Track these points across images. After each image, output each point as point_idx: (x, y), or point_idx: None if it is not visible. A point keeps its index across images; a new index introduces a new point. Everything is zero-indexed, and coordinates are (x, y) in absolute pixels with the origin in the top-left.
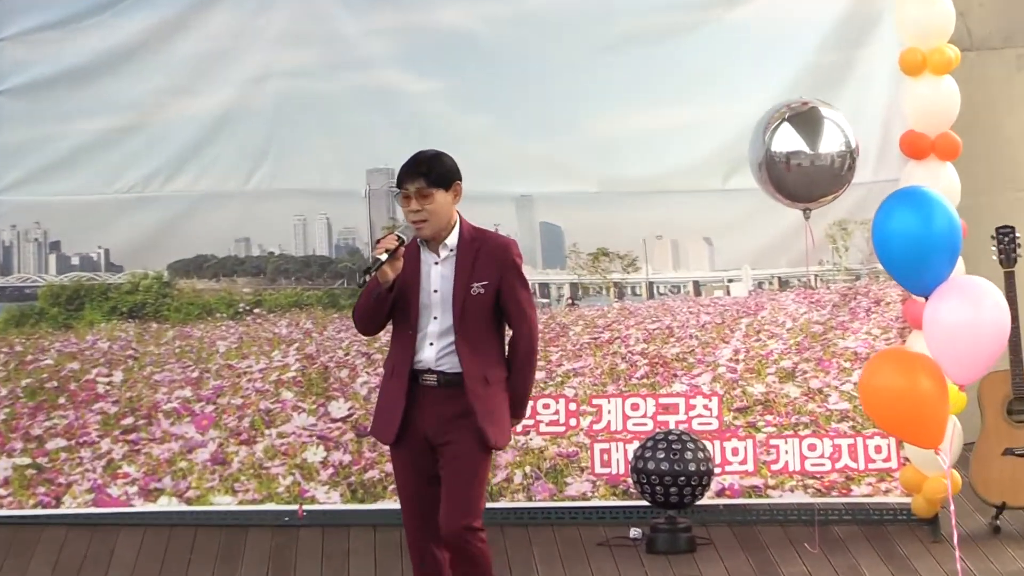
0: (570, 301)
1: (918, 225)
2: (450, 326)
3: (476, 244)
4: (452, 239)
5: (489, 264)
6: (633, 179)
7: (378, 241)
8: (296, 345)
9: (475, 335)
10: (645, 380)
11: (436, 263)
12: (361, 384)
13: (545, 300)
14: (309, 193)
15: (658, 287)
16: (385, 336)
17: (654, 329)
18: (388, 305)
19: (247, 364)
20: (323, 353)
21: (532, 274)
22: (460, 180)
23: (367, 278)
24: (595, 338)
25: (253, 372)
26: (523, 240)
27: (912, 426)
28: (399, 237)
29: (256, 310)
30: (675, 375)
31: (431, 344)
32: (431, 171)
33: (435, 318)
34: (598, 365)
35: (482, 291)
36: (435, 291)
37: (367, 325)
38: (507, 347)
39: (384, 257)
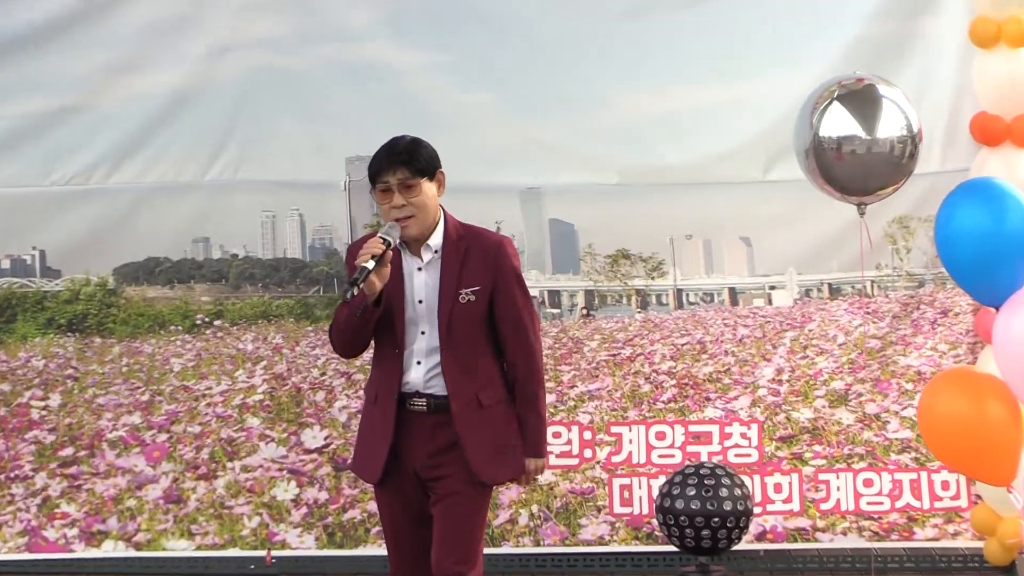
0: (585, 311)
1: (988, 223)
2: (437, 343)
3: (464, 243)
4: (436, 239)
5: (479, 266)
6: (659, 169)
7: (354, 247)
8: (264, 363)
9: (465, 349)
10: (673, 404)
11: (419, 268)
12: (340, 409)
13: (555, 310)
14: (279, 185)
15: (688, 295)
16: (368, 353)
17: (683, 344)
18: (374, 322)
19: (206, 386)
20: (295, 373)
21: (540, 280)
22: (441, 168)
23: (354, 292)
24: (614, 355)
25: (213, 395)
26: (530, 240)
27: (980, 459)
28: (384, 239)
29: (217, 322)
30: (708, 398)
31: (418, 363)
32: (414, 158)
33: (422, 333)
34: (617, 386)
35: (472, 298)
36: (420, 301)
37: (348, 346)
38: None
39: (370, 265)
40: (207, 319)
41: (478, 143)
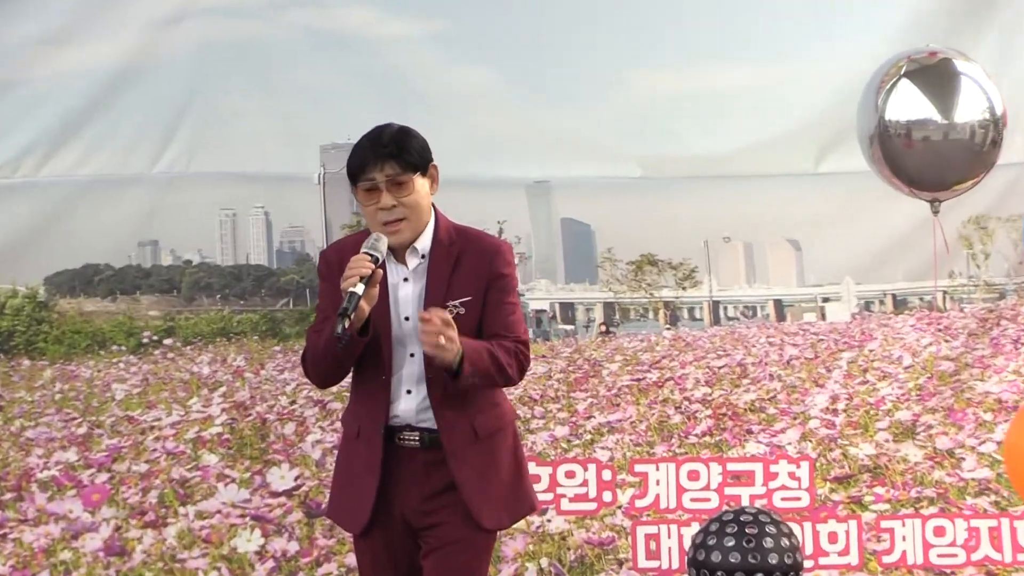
0: (603, 328)
1: None
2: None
3: (455, 248)
4: (424, 242)
5: (471, 273)
6: (690, 159)
7: (329, 252)
8: (223, 390)
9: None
10: (708, 438)
11: (406, 279)
12: (313, 444)
13: (569, 327)
14: (241, 178)
15: (725, 309)
16: (347, 378)
17: (720, 368)
18: (360, 350)
19: (154, 416)
20: (260, 401)
21: (551, 290)
22: (434, 161)
23: (345, 326)
24: (638, 379)
25: (163, 427)
26: (538, 244)
27: None
28: (371, 255)
29: (167, 341)
30: (749, 431)
31: (408, 392)
32: (404, 150)
33: (411, 356)
34: (643, 417)
35: (462, 311)
36: (406, 318)
37: (325, 376)
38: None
39: (359, 290)
40: (155, 337)
41: (476, 129)
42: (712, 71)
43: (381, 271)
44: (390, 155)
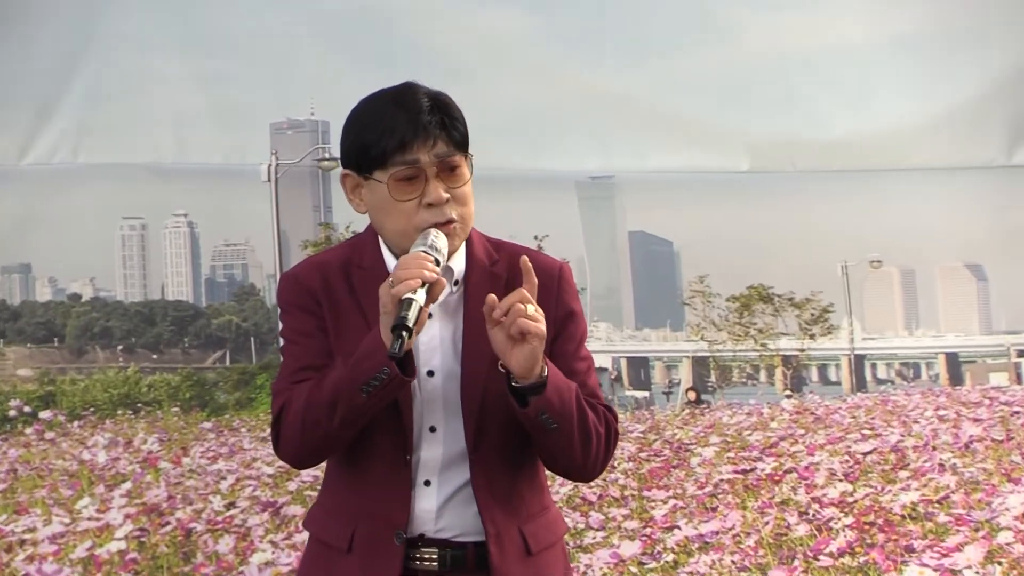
0: (693, 396)
1: None
2: (462, 447)
3: (500, 269)
4: (458, 262)
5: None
6: (823, 147)
7: (288, 282)
8: (127, 487)
9: (505, 456)
10: (848, 559)
11: (430, 315)
12: (260, 568)
13: (641, 393)
14: (152, 173)
15: (874, 367)
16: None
17: (866, 454)
18: (389, 400)
19: (25, 525)
20: (182, 503)
21: (614, 339)
22: None
23: (404, 343)
24: (744, 471)
25: (39, 541)
26: (595, 269)
27: None
28: (434, 256)
29: (45, 414)
30: (910, 548)
31: (427, 483)
32: (454, 119)
33: (431, 430)
34: (751, 527)
35: None
36: (429, 373)
37: (321, 443)
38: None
39: (422, 298)
40: (27, 409)
41: (504, 100)
42: (855, 22)
43: (445, 281)
44: (440, 126)
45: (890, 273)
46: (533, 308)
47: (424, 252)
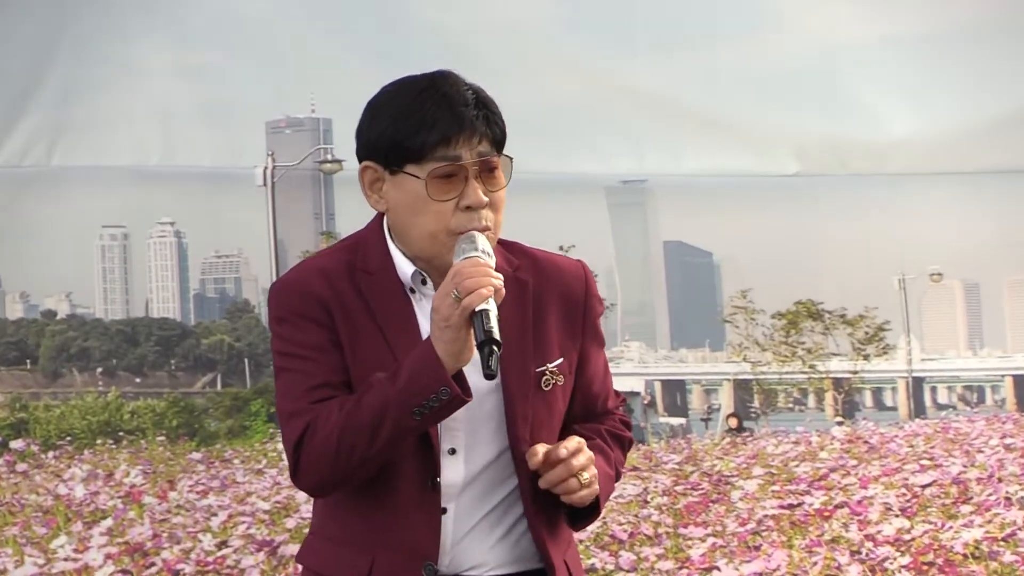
0: (733, 424)
1: None
2: (486, 470)
3: (525, 275)
4: None
5: (562, 319)
6: (880, 149)
7: (282, 290)
8: (107, 524)
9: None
10: None
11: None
12: None
13: (676, 420)
14: (135, 177)
15: (934, 391)
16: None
17: (925, 487)
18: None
19: None
20: (168, 543)
21: (647, 360)
22: None
23: (496, 361)
24: (791, 506)
25: None
26: (626, 282)
27: None
28: (486, 260)
29: (16, 444)
30: None
31: (445, 511)
32: (495, 111)
33: (452, 452)
34: (798, 568)
35: (560, 379)
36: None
37: (357, 465)
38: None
39: (494, 307)
40: None
41: (526, 97)
42: (913, 10)
43: (504, 290)
44: (485, 121)
45: (952, 287)
46: (587, 476)
47: (478, 258)
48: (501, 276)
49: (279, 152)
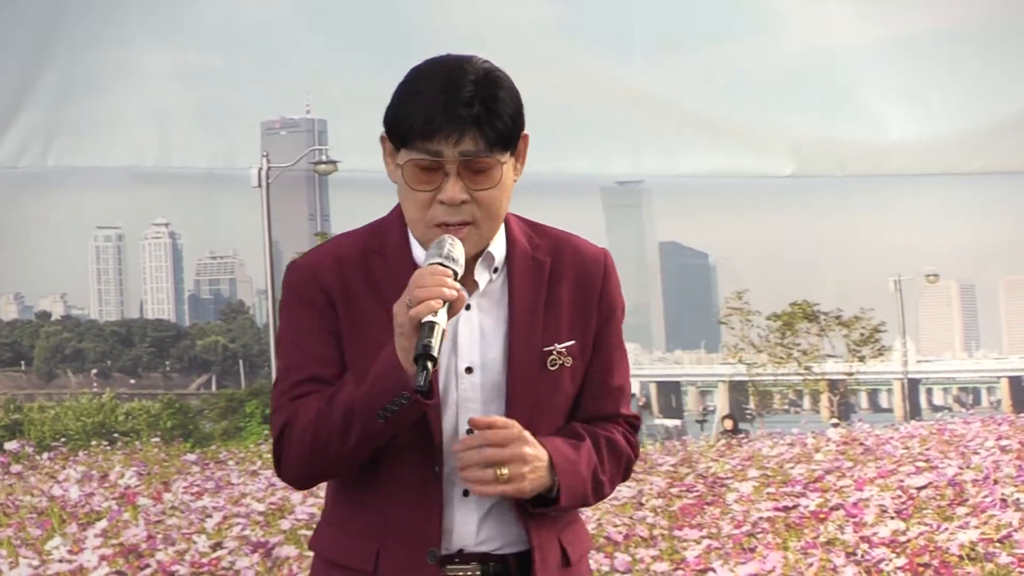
0: (730, 425)
1: None
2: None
3: (542, 254)
4: (498, 248)
5: (577, 300)
6: (874, 150)
7: (291, 280)
8: (102, 525)
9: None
10: None
11: (468, 306)
12: None
13: (671, 422)
14: (130, 178)
15: (930, 392)
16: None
17: (920, 488)
18: (408, 424)
19: None
20: (163, 544)
21: (642, 361)
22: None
23: (427, 377)
24: (786, 508)
25: None
26: (624, 285)
27: None
28: (449, 267)
29: (11, 445)
30: None
31: (465, 495)
32: (494, 113)
33: (469, 432)
34: (793, 569)
35: (569, 361)
36: (468, 369)
37: (332, 464)
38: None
39: (444, 320)
40: None
41: (523, 97)
42: (910, 10)
43: (466, 295)
44: (475, 121)
45: (948, 288)
46: (506, 472)
47: (440, 264)
48: (458, 285)
49: (274, 153)
